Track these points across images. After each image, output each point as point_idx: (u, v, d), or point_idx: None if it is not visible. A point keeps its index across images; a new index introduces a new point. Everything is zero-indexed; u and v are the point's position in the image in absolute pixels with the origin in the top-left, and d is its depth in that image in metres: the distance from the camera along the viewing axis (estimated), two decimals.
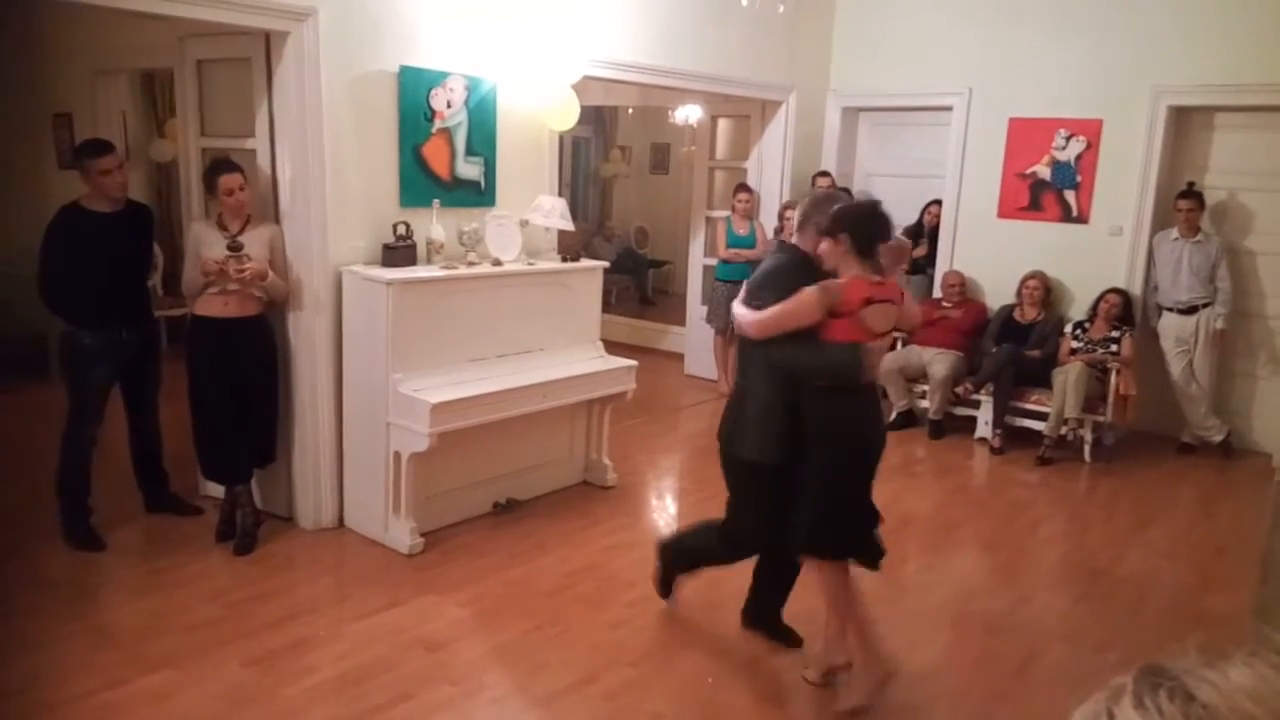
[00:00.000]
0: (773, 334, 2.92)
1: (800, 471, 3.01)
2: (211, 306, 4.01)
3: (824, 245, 2.96)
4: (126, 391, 4.26)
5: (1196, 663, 0.59)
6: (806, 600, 3.39)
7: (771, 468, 3.05)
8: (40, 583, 3.76)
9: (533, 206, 4.78)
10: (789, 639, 3.46)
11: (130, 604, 3.72)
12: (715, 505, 5.03)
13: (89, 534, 4.08)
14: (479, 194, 4.73)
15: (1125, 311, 6.13)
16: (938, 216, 7.01)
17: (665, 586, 3.68)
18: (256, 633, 3.43)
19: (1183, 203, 5.96)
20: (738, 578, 3.51)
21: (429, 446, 4.00)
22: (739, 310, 3.05)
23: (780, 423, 3.00)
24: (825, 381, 2.93)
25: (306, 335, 4.23)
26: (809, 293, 2.85)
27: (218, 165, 4.02)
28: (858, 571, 3.17)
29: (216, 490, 4.35)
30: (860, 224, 2.95)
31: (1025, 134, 6.57)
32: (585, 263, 5.04)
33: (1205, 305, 5.98)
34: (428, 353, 4.21)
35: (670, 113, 9.51)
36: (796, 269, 3.01)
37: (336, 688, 3.13)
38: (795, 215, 3.16)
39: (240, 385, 4.07)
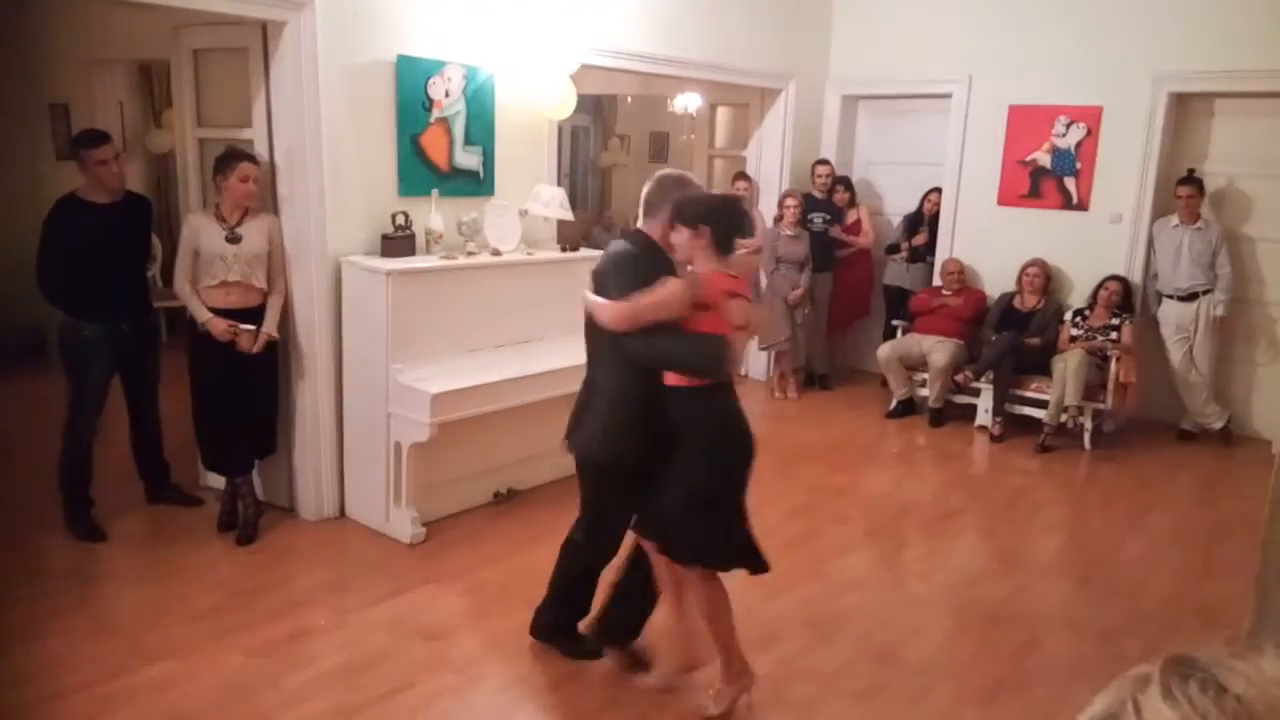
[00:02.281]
0: (638, 326, 2.73)
1: (662, 473, 2.84)
2: (213, 298, 4.00)
3: (681, 234, 2.79)
4: (127, 383, 4.26)
5: (1226, 654, 0.57)
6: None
7: (630, 469, 2.91)
8: (42, 573, 3.76)
9: (532, 196, 4.76)
10: (642, 660, 3.22)
11: (132, 594, 3.72)
12: None
13: (91, 525, 4.09)
14: (478, 183, 4.72)
15: (1125, 299, 6.12)
16: (937, 204, 6.99)
17: (579, 646, 3.28)
18: (258, 623, 3.44)
19: (1183, 189, 5.95)
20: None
21: (429, 436, 4.00)
22: (592, 299, 2.87)
23: (638, 421, 2.86)
24: (690, 376, 2.76)
25: (306, 325, 4.23)
26: (675, 283, 2.71)
27: (237, 152, 4.00)
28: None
29: (217, 481, 4.35)
30: (724, 218, 2.82)
31: (1025, 121, 6.55)
32: (585, 252, 5.03)
33: (1205, 292, 5.97)
34: (427, 343, 4.20)
35: (669, 101, 9.47)
36: (648, 257, 2.87)
37: (338, 677, 3.13)
38: (643, 198, 2.98)
39: (241, 376, 4.07)
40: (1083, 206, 6.43)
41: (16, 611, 3.44)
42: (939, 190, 6.99)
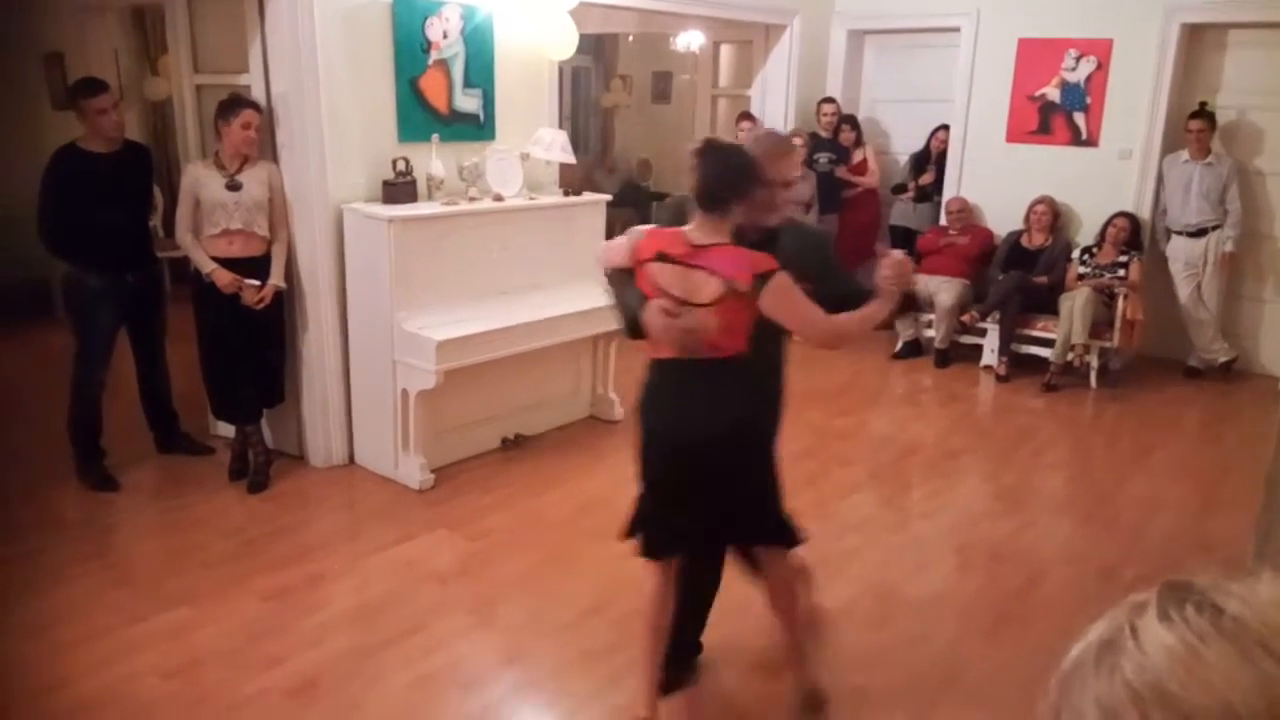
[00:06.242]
0: (607, 266, 2.60)
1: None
2: (217, 247, 3.99)
3: None
4: (133, 334, 4.27)
5: (1221, 579, 0.58)
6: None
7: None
8: (56, 523, 3.82)
9: (533, 140, 4.71)
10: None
11: (147, 542, 3.78)
12: None
13: (103, 475, 4.13)
14: (478, 127, 4.66)
15: (1133, 236, 6.06)
16: (945, 142, 6.90)
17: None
18: (272, 568, 3.49)
19: (1194, 123, 5.85)
20: None
21: (436, 384, 4.02)
22: None
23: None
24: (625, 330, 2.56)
25: (309, 274, 4.22)
26: (630, 231, 2.53)
27: (240, 99, 3.97)
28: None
29: (227, 430, 4.38)
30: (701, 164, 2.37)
31: (1035, 55, 6.43)
32: (587, 196, 4.99)
33: (1214, 228, 5.92)
34: (431, 290, 4.19)
35: (671, 40, 9.31)
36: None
37: (352, 620, 3.19)
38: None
39: (247, 325, 4.07)
40: (1092, 142, 6.34)
41: (34, 561, 3.49)
42: (946, 127, 6.89)
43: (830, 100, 7.00)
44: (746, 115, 6.96)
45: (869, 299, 2.45)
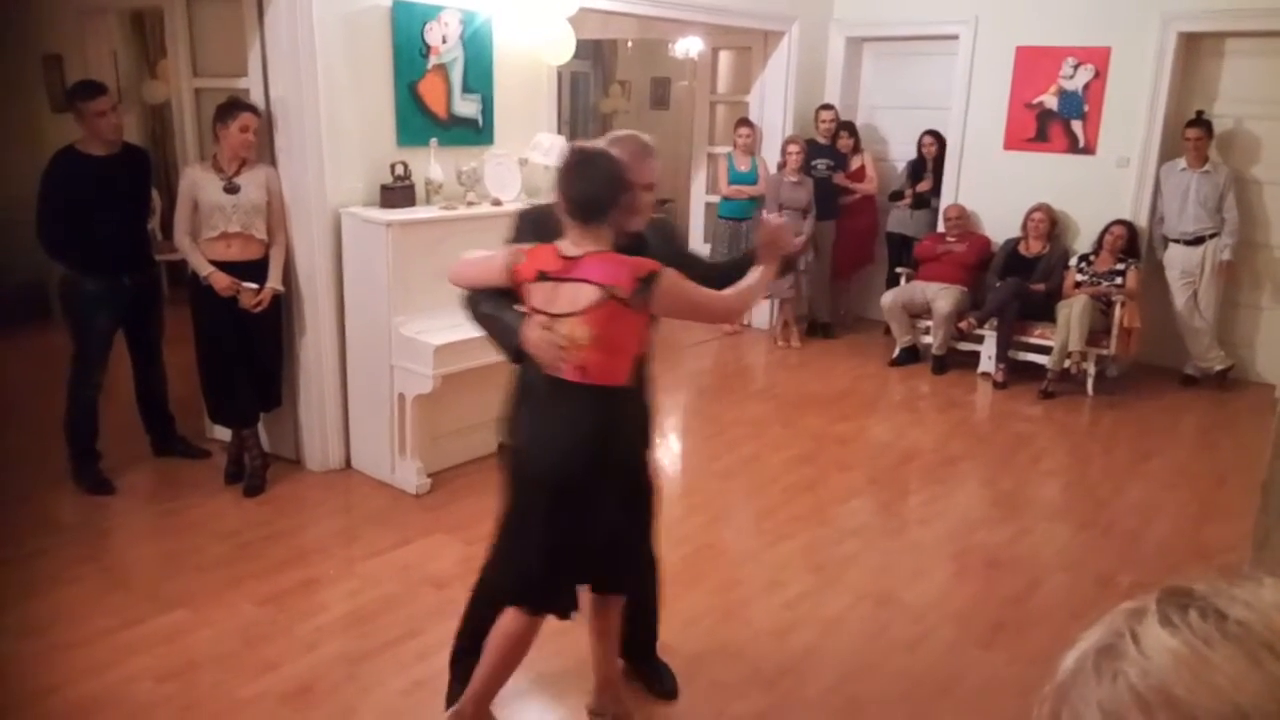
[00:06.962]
0: (463, 284, 2.54)
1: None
2: (214, 250, 3.98)
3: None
4: (130, 337, 4.27)
5: (1223, 584, 0.57)
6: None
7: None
8: (52, 526, 3.80)
9: (531, 144, 4.71)
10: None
11: (142, 545, 3.77)
12: (717, 444, 5.09)
13: (98, 478, 4.12)
14: (477, 132, 4.67)
15: (1131, 244, 6.08)
16: (932, 147, 6.90)
17: None
18: (268, 572, 3.48)
19: (1191, 132, 5.87)
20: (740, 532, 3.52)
21: (433, 388, 4.01)
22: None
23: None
24: (508, 355, 2.45)
25: (307, 277, 4.22)
26: (504, 250, 2.40)
27: (239, 102, 3.97)
28: None
29: (224, 433, 4.38)
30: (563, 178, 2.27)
31: (1033, 63, 6.45)
32: None
33: (1211, 236, 5.93)
34: (429, 294, 4.19)
35: (670, 46, 9.32)
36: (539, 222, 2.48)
37: (348, 624, 3.18)
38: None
39: (245, 328, 4.07)
40: (1089, 150, 6.36)
41: (30, 563, 3.48)
42: (931, 132, 6.90)
43: (828, 107, 7.01)
44: (745, 121, 6.97)
45: (743, 268, 2.47)
